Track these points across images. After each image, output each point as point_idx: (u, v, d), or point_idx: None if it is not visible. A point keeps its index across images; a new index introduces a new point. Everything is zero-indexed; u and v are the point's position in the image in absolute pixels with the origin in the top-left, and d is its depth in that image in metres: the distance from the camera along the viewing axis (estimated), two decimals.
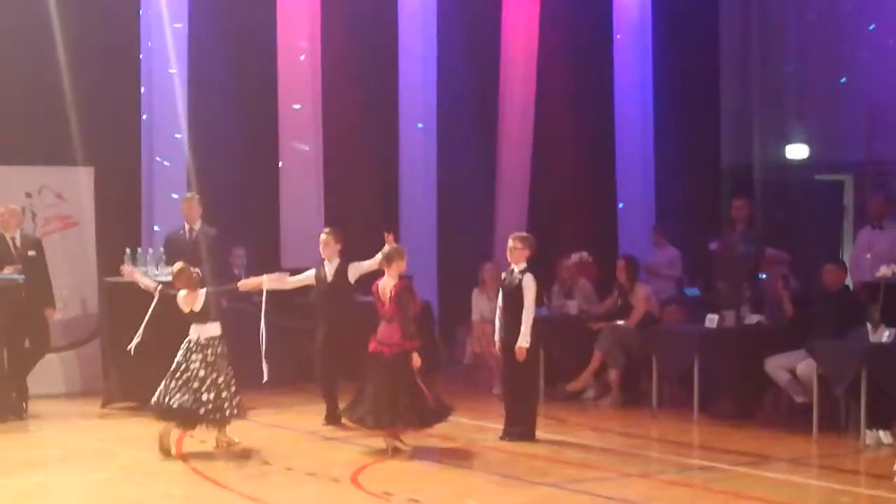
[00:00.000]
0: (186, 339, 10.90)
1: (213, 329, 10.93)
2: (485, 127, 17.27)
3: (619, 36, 18.21)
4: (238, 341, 13.19)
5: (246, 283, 11.53)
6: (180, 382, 10.74)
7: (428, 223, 16.84)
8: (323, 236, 12.33)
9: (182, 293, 10.95)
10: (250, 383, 13.06)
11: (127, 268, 12.02)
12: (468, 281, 15.30)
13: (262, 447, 11.09)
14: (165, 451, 10.67)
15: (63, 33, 14.02)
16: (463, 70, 16.88)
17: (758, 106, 19.22)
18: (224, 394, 10.81)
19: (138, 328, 11.00)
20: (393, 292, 10.83)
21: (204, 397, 10.70)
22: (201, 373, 10.77)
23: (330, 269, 12.23)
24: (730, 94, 19.22)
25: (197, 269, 11.22)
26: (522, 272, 11.46)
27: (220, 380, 10.82)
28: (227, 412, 10.85)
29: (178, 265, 11.18)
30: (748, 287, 13.74)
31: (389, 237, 11.39)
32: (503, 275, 11.75)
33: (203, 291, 10.97)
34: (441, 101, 16.91)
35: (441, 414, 10.97)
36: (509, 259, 11.62)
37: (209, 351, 10.85)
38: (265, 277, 11.34)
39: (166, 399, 10.71)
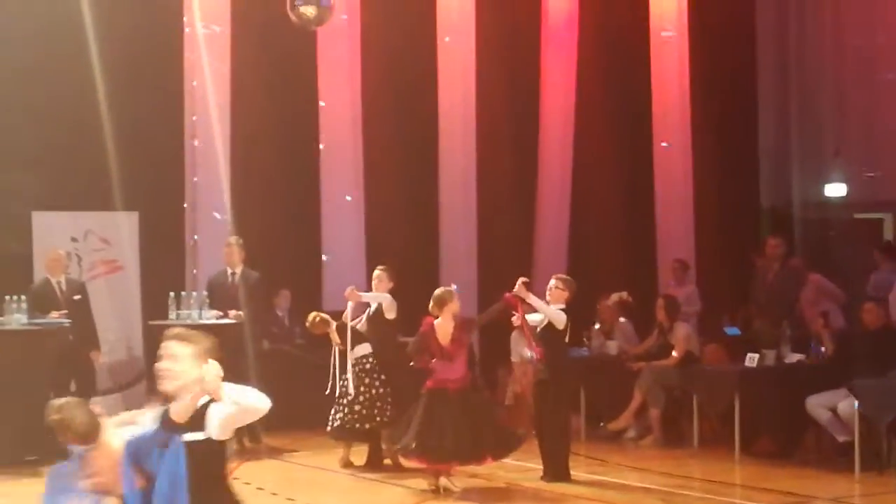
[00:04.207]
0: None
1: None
2: (524, 170, 17.30)
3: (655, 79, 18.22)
4: (280, 382, 13.34)
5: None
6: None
7: (468, 265, 16.86)
8: (377, 272, 12.33)
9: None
10: (294, 424, 13.17)
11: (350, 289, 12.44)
12: (508, 323, 15.32)
13: (303, 489, 11.14)
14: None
15: (106, 79, 14.10)
16: (502, 109, 16.95)
17: (796, 144, 19.21)
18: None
19: None
20: (455, 334, 10.91)
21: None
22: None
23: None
24: (767, 132, 19.23)
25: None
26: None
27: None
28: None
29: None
30: (788, 325, 13.73)
31: None
32: None
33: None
34: (480, 143, 16.91)
35: (519, 440, 11.14)
36: (548, 298, 11.66)
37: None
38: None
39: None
